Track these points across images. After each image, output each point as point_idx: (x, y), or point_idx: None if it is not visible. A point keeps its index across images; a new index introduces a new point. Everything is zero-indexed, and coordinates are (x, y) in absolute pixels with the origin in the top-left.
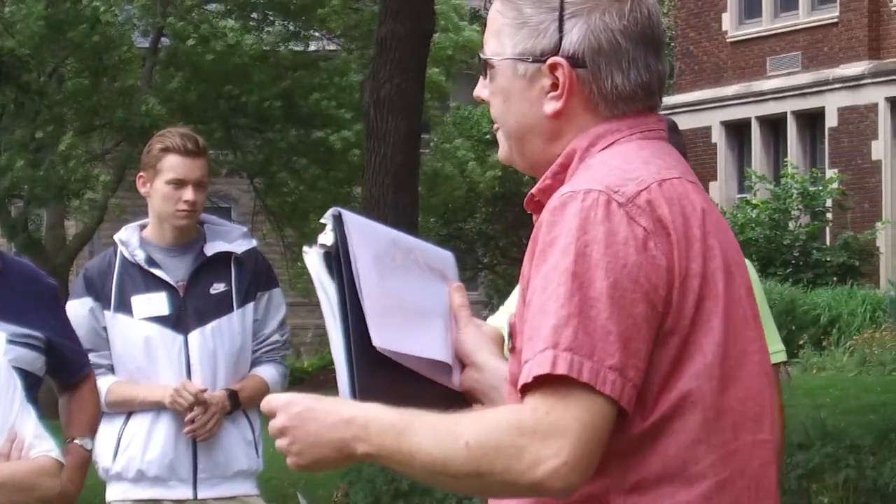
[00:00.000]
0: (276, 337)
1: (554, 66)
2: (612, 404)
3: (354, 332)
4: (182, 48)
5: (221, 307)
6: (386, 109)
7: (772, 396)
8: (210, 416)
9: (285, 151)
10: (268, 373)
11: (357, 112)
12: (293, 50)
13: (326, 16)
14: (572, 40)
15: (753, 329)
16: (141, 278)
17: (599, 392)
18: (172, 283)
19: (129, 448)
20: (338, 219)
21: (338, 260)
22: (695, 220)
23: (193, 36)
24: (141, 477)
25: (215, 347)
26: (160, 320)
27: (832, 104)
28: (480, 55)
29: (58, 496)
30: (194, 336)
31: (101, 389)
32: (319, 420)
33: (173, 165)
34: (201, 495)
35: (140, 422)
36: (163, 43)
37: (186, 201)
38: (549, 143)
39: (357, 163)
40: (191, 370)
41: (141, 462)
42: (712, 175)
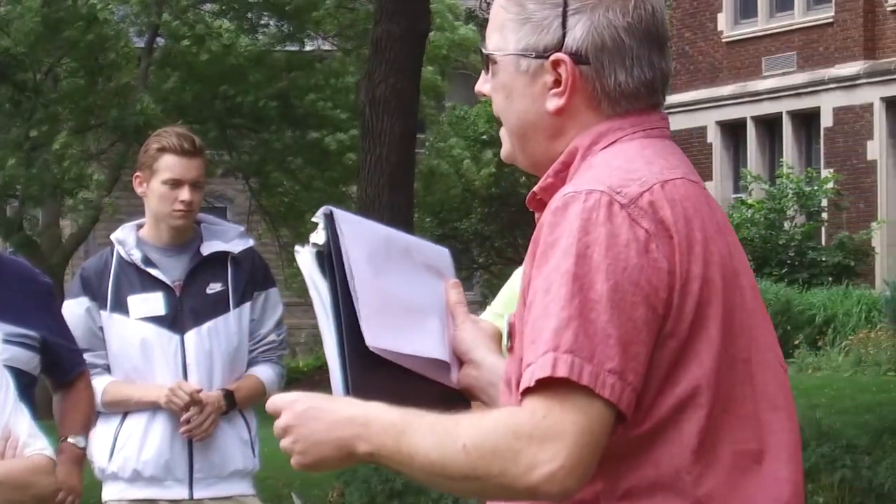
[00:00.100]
0: (273, 337)
1: (557, 63)
2: (611, 408)
3: (347, 331)
4: (177, 48)
5: (218, 307)
6: (381, 109)
7: (786, 398)
8: (206, 416)
9: (280, 152)
10: (264, 373)
11: (353, 114)
12: (288, 51)
13: (321, 18)
14: (576, 37)
15: (762, 333)
16: (137, 278)
17: (598, 395)
18: (169, 283)
19: (125, 448)
20: (329, 217)
21: (330, 259)
22: (697, 223)
23: (188, 36)
24: (137, 477)
25: (212, 347)
26: (156, 320)
27: (827, 104)
28: (483, 49)
29: (54, 494)
30: (191, 336)
31: (97, 389)
32: (322, 419)
33: (170, 165)
34: (197, 495)
35: (136, 422)
36: (158, 43)
37: (183, 201)
38: (551, 141)
39: (352, 166)
40: (187, 370)
41: (137, 462)
42: (708, 175)
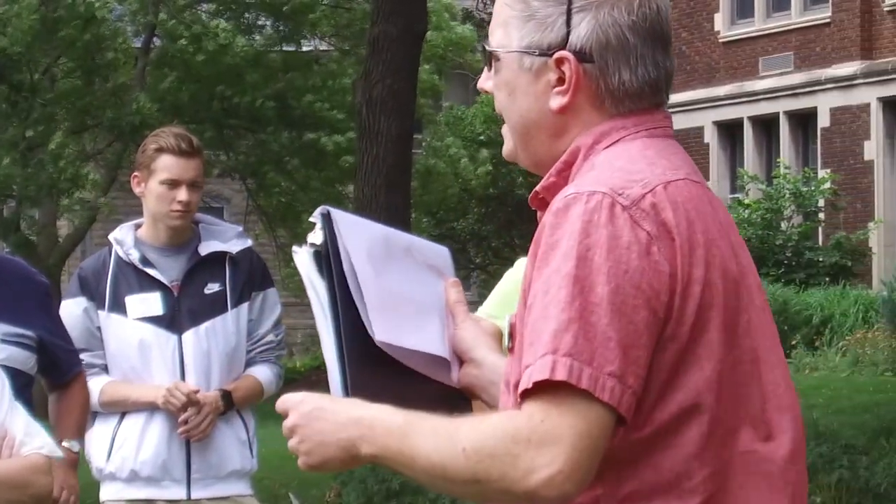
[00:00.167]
0: (271, 337)
1: (561, 61)
2: (611, 412)
3: (346, 331)
4: (174, 48)
5: (216, 307)
6: (378, 110)
7: (792, 398)
8: (203, 417)
9: (277, 152)
10: (262, 373)
11: (349, 114)
12: (285, 51)
13: (318, 20)
14: (580, 35)
15: (766, 334)
16: (135, 278)
17: (598, 399)
18: (167, 283)
19: (123, 448)
20: (327, 217)
21: (328, 259)
22: (699, 225)
23: (185, 36)
24: (134, 477)
25: (209, 347)
26: (154, 320)
27: (824, 104)
28: (485, 46)
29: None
30: (188, 336)
31: (95, 389)
32: (328, 419)
33: (167, 165)
34: (195, 495)
35: (134, 422)
36: (155, 43)
37: (180, 201)
38: (554, 139)
39: (348, 168)
40: (185, 370)
41: (134, 462)
42: (704, 175)
